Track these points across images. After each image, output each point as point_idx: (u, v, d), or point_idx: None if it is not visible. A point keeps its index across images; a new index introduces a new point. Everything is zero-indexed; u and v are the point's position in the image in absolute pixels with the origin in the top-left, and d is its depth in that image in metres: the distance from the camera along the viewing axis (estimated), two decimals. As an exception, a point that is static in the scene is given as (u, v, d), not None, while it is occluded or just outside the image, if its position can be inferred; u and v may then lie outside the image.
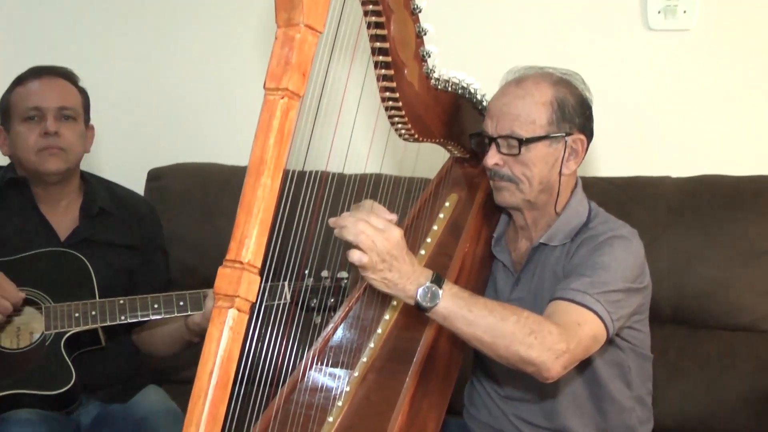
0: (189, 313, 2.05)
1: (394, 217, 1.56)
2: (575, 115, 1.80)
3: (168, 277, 2.36)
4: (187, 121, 3.03)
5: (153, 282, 2.25)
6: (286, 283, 1.99)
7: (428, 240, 1.88)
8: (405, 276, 1.51)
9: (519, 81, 1.81)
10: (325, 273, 2.02)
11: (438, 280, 1.54)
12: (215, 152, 2.92)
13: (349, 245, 1.49)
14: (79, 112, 2.23)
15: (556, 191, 1.84)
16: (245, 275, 1.22)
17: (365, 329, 1.75)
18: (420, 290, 1.52)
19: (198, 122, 3.01)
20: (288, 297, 2.00)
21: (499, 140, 1.80)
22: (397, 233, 1.49)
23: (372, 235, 1.47)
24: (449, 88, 1.85)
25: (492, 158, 1.81)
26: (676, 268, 2.34)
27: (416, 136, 1.79)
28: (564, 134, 1.79)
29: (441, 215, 1.94)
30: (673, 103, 2.58)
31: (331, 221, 1.51)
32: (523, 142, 1.77)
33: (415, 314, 1.60)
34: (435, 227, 1.91)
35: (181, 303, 2.04)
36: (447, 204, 1.96)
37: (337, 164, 1.77)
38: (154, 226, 2.34)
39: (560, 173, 1.81)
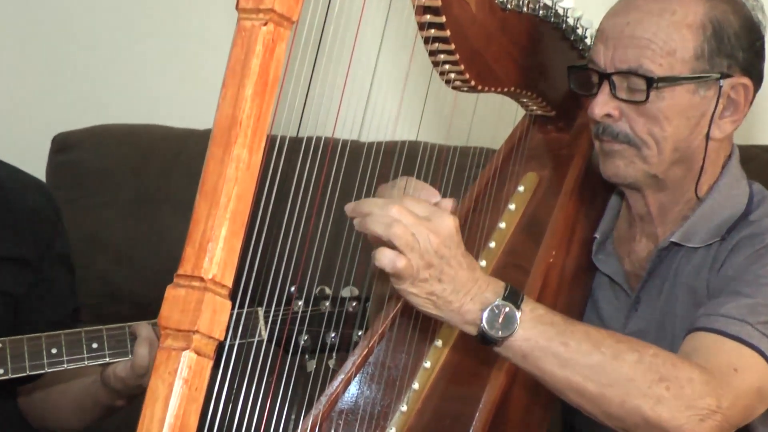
0: (108, 360, 2.06)
1: (450, 202, 1.57)
2: (738, 47, 1.81)
3: (76, 305, 2.35)
4: (111, 61, 3.04)
5: (51, 313, 2.26)
6: (261, 309, 2.02)
7: (491, 244, 1.89)
8: (462, 289, 1.53)
9: None
10: (321, 290, 2.05)
11: (513, 296, 1.55)
12: (156, 108, 2.94)
13: (373, 245, 1.51)
14: None
15: (699, 164, 1.85)
16: (209, 299, 1.23)
17: (393, 383, 1.76)
18: (486, 312, 1.53)
19: (128, 62, 3.03)
20: (263, 332, 2.03)
21: (615, 78, 1.81)
22: (449, 223, 1.51)
23: (412, 225, 1.48)
24: (524, 9, 1.86)
25: (602, 105, 1.82)
26: None
27: (473, 83, 1.80)
28: (719, 75, 1.81)
29: (512, 206, 1.95)
30: None
31: (349, 207, 1.52)
32: (654, 82, 1.78)
33: (474, 353, 1.62)
34: (502, 225, 1.92)
35: (95, 345, 2.05)
36: (521, 189, 1.97)
37: (351, 127, 1.80)
38: (53, 225, 2.33)
39: (707, 137, 1.83)
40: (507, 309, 1.53)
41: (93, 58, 3.07)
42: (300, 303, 2.04)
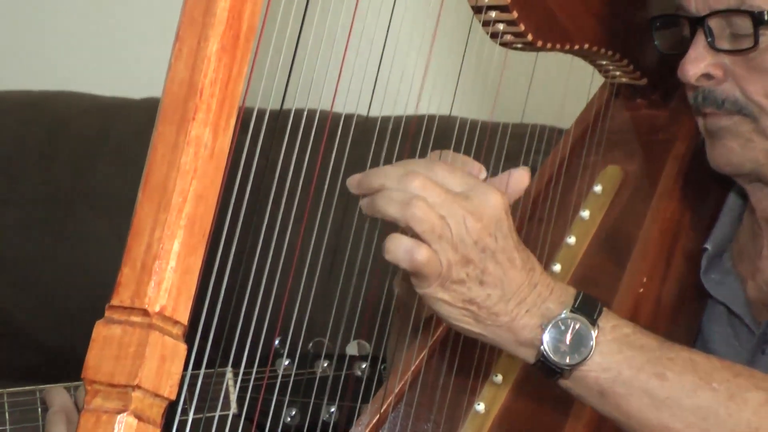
0: None
1: (523, 173, 1.62)
2: None
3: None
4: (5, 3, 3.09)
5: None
6: (230, 371, 2.05)
7: (556, 267, 1.94)
8: (515, 296, 1.56)
9: None
10: (318, 344, 2.07)
11: (588, 307, 1.58)
12: (73, 70, 3.01)
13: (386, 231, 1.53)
14: None
15: None
16: (155, 340, 1.25)
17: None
18: (549, 329, 1.56)
19: (31, 5, 3.09)
20: (233, 403, 2.05)
21: (711, 23, 1.85)
22: (496, 201, 1.54)
23: (441, 203, 1.51)
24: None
25: (696, 61, 1.86)
26: None
27: (530, 37, 1.85)
28: None
29: (584, 213, 1.99)
30: None
31: (353, 181, 1.55)
32: (762, 21, 1.80)
33: (533, 396, 1.62)
34: (571, 239, 1.97)
35: None
36: (598, 188, 2.01)
37: (357, 98, 1.81)
38: None
39: None
40: (578, 325, 1.56)
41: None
42: (286, 362, 2.03)
